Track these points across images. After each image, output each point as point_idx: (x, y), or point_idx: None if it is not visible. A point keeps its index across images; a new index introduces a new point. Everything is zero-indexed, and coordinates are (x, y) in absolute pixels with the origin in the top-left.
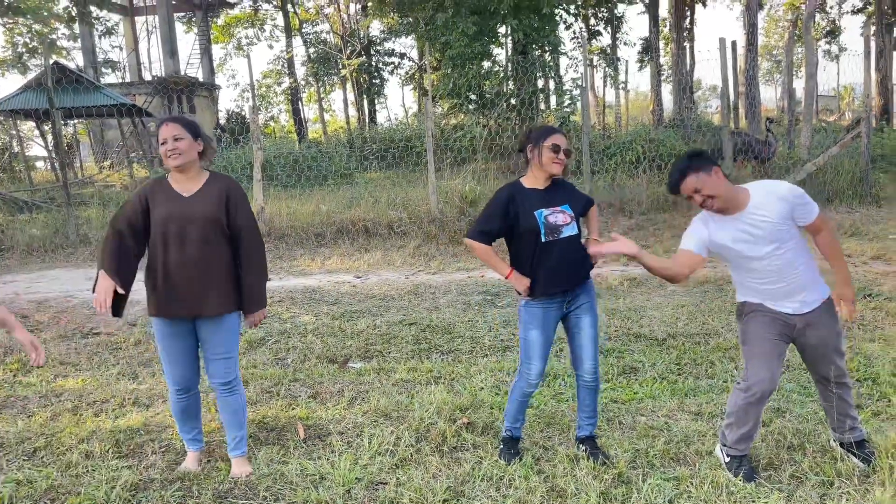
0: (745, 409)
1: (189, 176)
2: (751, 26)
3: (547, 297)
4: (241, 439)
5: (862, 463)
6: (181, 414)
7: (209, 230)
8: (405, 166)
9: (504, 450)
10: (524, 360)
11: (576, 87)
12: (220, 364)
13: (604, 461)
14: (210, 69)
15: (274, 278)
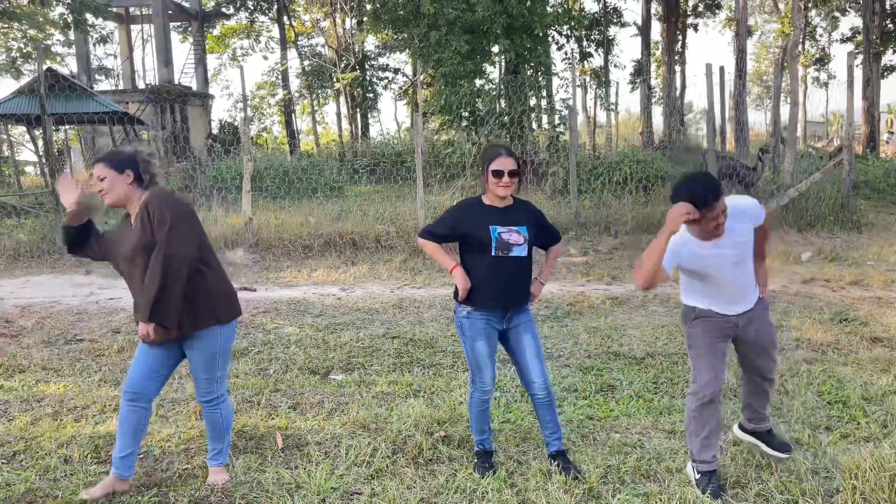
0: (699, 412)
1: (132, 207)
2: (740, 52)
3: (486, 309)
4: (219, 451)
5: (781, 453)
6: (123, 424)
7: (139, 259)
8: (395, 181)
9: (478, 463)
10: (475, 370)
11: (565, 108)
12: (200, 383)
13: (575, 475)
14: (204, 79)
15: (260, 289)
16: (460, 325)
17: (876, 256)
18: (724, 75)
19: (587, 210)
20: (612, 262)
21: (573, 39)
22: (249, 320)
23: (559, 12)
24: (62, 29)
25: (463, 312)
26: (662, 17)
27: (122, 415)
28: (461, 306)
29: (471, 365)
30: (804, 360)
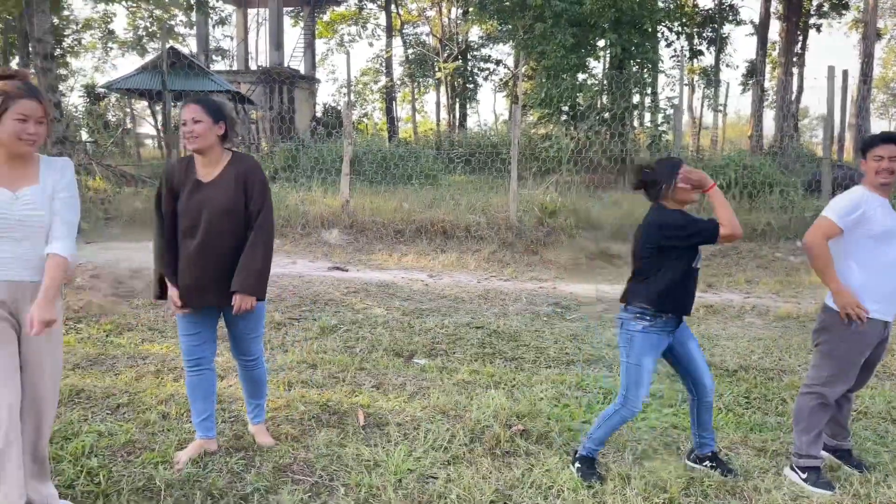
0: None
1: (209, 159)
2: (866, 56)
3: (672, 319)
4: (260, 408)
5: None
6: (193, 390)
7: (224, 220)
8: (489, 172)
9: (585, 470)
10: (633, 386)
11: (670, 106)
12: (247, 343)
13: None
14: (312, 63)
15: (351, 270)
16: (630, 338)
17: None
18: (846, 80)
19: None
20: (709, 268)
21: (683, 36)
22: (340, 299)
23: (671, 7)
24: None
25: (638, 327)
26: (783, 15)
27: (190, 383)
28: (637, 321)
29: (629, 380)
30: None
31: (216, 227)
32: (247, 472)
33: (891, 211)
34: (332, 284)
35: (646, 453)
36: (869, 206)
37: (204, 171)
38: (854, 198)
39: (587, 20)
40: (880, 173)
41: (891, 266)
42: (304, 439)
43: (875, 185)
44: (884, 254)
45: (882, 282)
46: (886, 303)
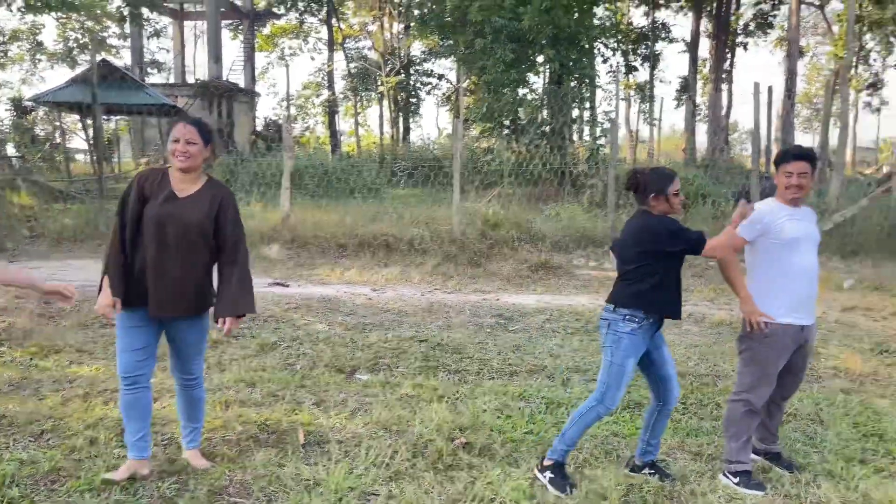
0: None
1: (190, 178)
2: (790, 73)
3: (658, 321)
4: (197, 431)
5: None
6: (130, 409)
7: (194, 234)
8: (432, 185)
9: (558, 480)
10: (612, 386)
11: (607, 120)
12: (188, 360)
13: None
14: (252, 76)
15: (293, 285)
16: (618, 339)
17: None
18: (772, 95)
19: (624, 225)
20: None
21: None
22: (281, 315)
23: (607, 25)
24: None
25: (627, 328)
26: (712, 34)
27: (125, 401)
28: (627, 322)
29: (609, 380)
30: (841, 389)
31: (186, 239)
32: (180, 497)
33: (800, 221)
34: (272, 300)
35: (587, 461)
36: (773, 219)
37: (181, 186)
38: (760, 211)
39: (526, 36)
40: (789, 188)
41: (801, 273)
42: (241, 460)
43: (785, 199)
44: (793, 262)
45: (793, 288)
46: (799, 308)
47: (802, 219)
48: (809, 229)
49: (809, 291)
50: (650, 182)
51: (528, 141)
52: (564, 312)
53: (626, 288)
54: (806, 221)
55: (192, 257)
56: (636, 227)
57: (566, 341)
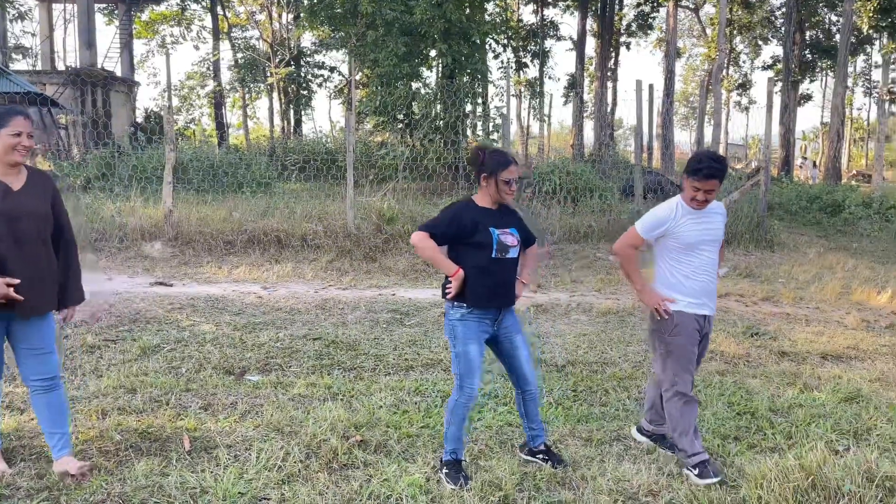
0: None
1: (16, 169)
2: (668, 72)
3: (482, 310)
4: (66, 436)
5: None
6: None
7: (42, 226)
8: (325, 180)
9: (452, 474)
10: (465, 374)
11: (500, 116)
12: (44, 359)
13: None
14: (130, 65)
15: (176, 284)
16: (452, 327)
17: (787, 274)
18: (653, 93)
19: None
20: (538, 269)
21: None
22: (164, 316)
23: (497, 21)
24: None
25: (457, 315)
26: (597, 33)
27: None
28: (455, 308)
29: (460, 369)
30: (717, 371)
31: (34, 232)
32: None
33: (701, 222)
34: (154, 301)
35: (482, 452)
36: (675, 222)
37: (10, 179)
38: (661, 215)
39: (418, 29)
40: (693, 201)
41: (700, 268)
42: (119, 471)
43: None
44: (693, 258)
45: (693, 282)
46: (700, 297)
47: (704, 219)
48: (711, 227)
49: (709, 285)
50: (485, 161)
51: (422, 135)
52: None
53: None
54: (707, 221)
55: (48, 249)
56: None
57: None
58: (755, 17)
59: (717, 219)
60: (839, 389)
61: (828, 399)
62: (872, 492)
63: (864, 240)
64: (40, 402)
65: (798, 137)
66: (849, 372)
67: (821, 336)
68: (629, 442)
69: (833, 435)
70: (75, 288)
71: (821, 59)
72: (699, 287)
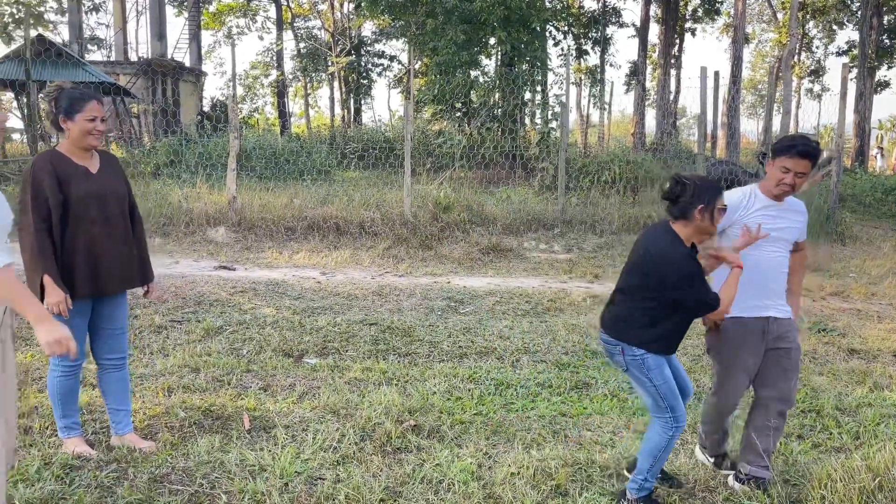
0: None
1: (91, 153)
2: (736, 59)
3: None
4: (130, 414)
5: None
6: (70, 393)
7: (124, 205)
8: (383, 167)
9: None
10: (672, 406)
11: (558, 104)
12: (121, 338)
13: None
14: (198, 55)
15: (239, 268)
16: (642, 362)
17: (858, 269)
18: (718, 81)
19: (574, 207)
20: (595, 260)
21: (570, 36)
22: (227, 299)
23: (557, 8)
24: None
25: (640, 350)
26: (661, 19)
27: (67, 386)
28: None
29: (667, 401)
30: None
31: (116, 212)
32: (118, 486)
33: (777, 218)
34: (217, 284)
35: (535, 441)
36: (746, 211)
37: (87, 162)
38: (732, 201)
39: (478, 17)
40: (779, 185)
41: (759, 267)
42: (183, 447)
43: (770, 193)
44: (751, 256)
45: (749, 282)
46: (758, 300)
47: (781, 215)
48: (784, 226)
49: (771, 285)
50: (700, 192)
51: (479, 124)
52: (514, 295)
53: (637, 324)
54: (784, 218)
55: (128, 227)
56: (665, 257)
57: (516, 323)
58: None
59: (796, 217)
60: None
61: None
62: None
63: None
64: (111, 380)
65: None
66: None
67: (893, 333)
68: (686, 436)
69: None
70: (150, 264)
71: None
72: (756, 287)
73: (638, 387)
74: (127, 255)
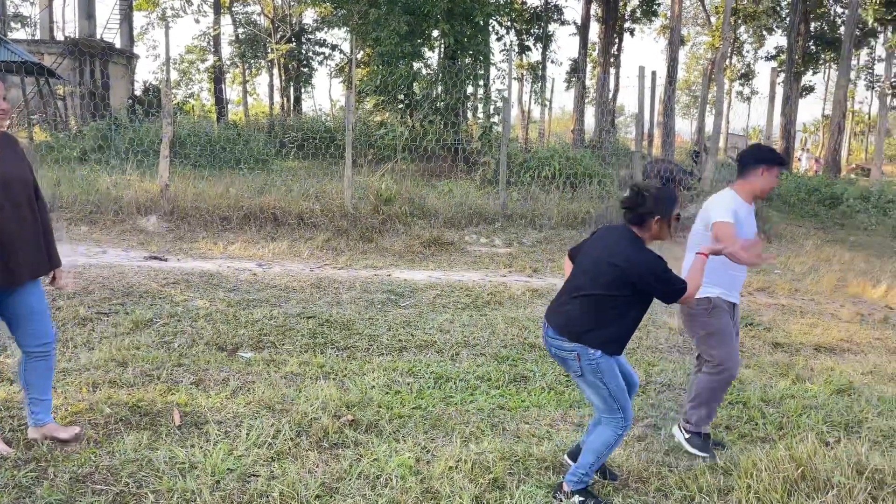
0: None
1: None
2: (672, 60)
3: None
4: (51, 403)
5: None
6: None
7: (30, 189)
8: (324, 158)
9: (597, 501)
10: (623, 406)
11: (500, 99)
12: (43, 321)
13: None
14: (129, 37)
15: (171, 259)
16: (596, 366)
17: (783, 266)
18: (655, 81)
19: (515, 202)
20: (535, 254)
21: (513, 31)
22: (157, 291)
23: (501, 2)
24: None
25: (597, 353)
26: (601, 18)
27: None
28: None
29: (619, 402)
30: None
31: (24, 196)
32: (38, 486)
33: (748, 217)
34: (147, 275)
35: (473, 434)
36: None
37: None
38: (727, 200)
39: (421, 9)
40: (766, 191)
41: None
42: (108, 444)
43: (750, 196)
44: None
45: (732, 273)
46: (731, 289)
47: (752, 217)
48: (753, 226)
49: (739, 276)
50: (658, 203)
51: (422, 116)
52: (455, 288)
53: (594, 327)
54: (752, 217)
55: (35, 214)
56: (628, 257)
57: (456, 316)
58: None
59: (754, 219)
60: (831, 381)
61: (820, 391)
62: (861, 484)
63: (861, 233)
64: (39, 368)
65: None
66: (841, 364)
67: (815, 328)
68: None
69: (824, 427)
70: (55, 250)
71: (824, 52)
72: (734, 277)
73: (589, 391)
74: (36, 242)
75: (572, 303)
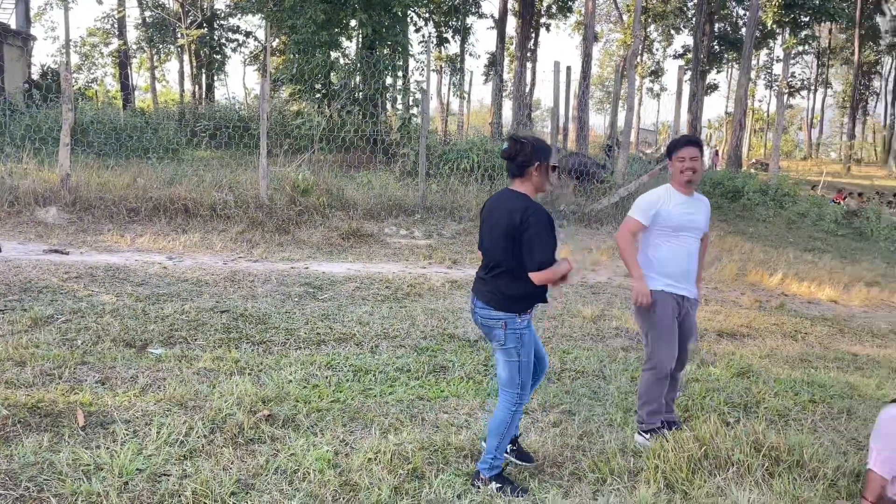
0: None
1: None
2: (586, 56)
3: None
4: None
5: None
6: None
7: None
8: (238, 148)
9: (515, 487)
10: (524, 381)
11: (419, 91)
12: None
13: None
14: (25, 17)
15: (73, 252)
16: (519, 336)
17: None
18: (570, 76)
19: (434, 194)
20: (454, 246)
21: (431, 23)
22: (58, 286)
23: None
24: None
25: (523, 323)
26: (518, 13)
27: None
28: (522, 317)
29: (522, 377)
30: (622, 347)
31: None
32: None
33: (688, 210)
34: (47, 269)
35: (392, 426)
36: (666, 203)
37: None
38: (652, 197)
39: None
40: (684, 172)
41: (681, 253)
42: (6, 448)
43: (680, 183)
44: (674, 243)
45: (671, 266)
46: (677, 280)
47: (691, 207)
48: (696, 218)
49: (687, 268)
50: (536, 150)
51: (340, 106)
52: (374, 280)
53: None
54: (695, 211)
55: None
56: (511, 205)
57: (375, 309)
58: (669, 6)
59: (702, 208)
60: (732, 365)
61: (721, 374)
62: (759, 461)
63: (759, 225)
64: None
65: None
66: (742, 349)
67: (717, 314)
68: (536, 415)
69: (725, 407)
70: None
71: (727, 51)
72: (679, 270)
73: (503, 359)
74: None
75: (491, 274)
